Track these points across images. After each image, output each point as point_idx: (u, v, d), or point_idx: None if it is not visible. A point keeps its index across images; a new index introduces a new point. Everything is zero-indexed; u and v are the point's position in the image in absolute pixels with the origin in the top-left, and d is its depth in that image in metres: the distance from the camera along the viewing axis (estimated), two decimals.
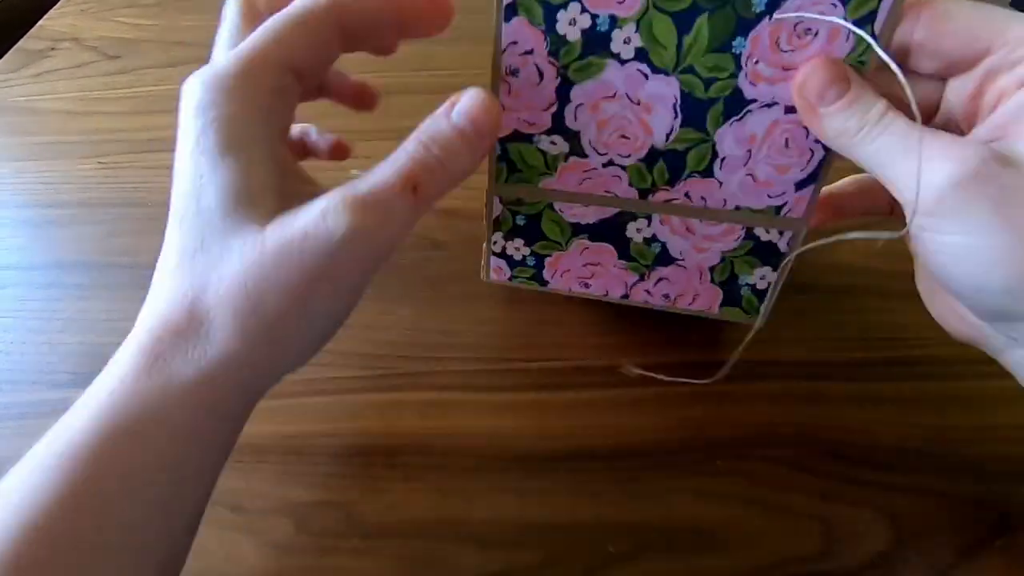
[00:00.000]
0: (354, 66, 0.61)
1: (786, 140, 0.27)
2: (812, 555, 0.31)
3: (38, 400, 0.37)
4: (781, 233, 0.29)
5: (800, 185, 0.28)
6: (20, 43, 0.66)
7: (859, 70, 0.24)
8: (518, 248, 0.31)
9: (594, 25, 0.25)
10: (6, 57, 0.64)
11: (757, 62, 0.25)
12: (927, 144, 0.21)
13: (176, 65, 0.61)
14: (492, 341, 0.39)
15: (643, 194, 0.28)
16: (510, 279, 0.33)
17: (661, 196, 0.28)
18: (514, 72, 0.26)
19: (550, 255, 0.31)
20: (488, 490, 0.33)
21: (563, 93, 0.26)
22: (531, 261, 0.32)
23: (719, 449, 0.34)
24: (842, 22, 0.23)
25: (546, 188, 0.28)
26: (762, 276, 0.32)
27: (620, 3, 0.24)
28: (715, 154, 0.27)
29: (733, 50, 0.25)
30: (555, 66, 0.26)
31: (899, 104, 0.23)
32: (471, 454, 0.34)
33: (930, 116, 0.25)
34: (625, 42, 0.25)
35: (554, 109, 0.26)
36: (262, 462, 0.34)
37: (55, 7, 0.71)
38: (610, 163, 0.28)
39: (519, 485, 0.33)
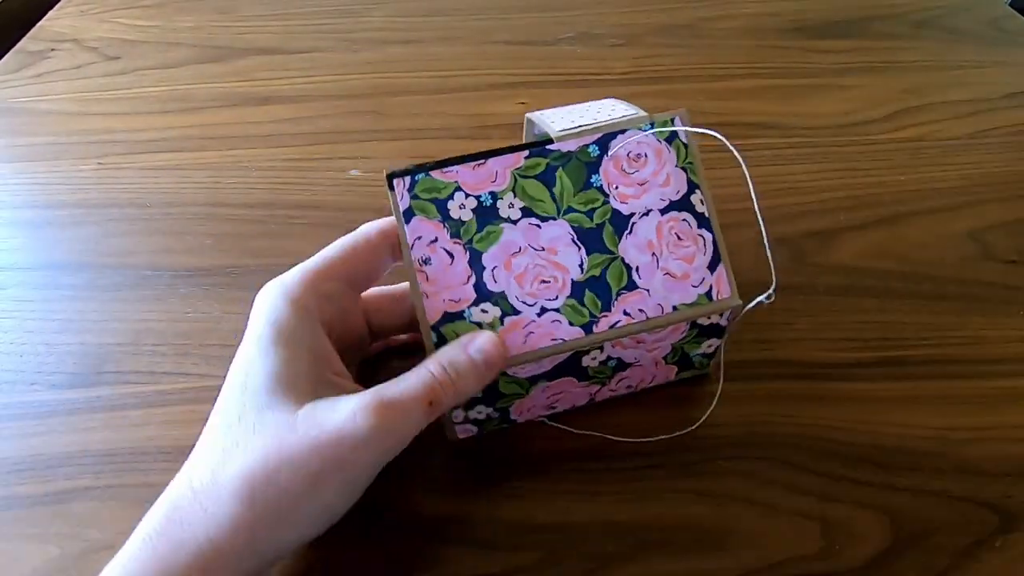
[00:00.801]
0: (354, 67, 0.61)
1: (676, 234, 0.31)
2: (812, 555, 0.31)
3: (36, 401, 0.37)
4: (720, 315, 0.32)
5: (712, 267, 0.31)
6: (20, 44, 0.66)
7: (690, 170, 0.31)
8: (480, 412, 0.32)
9: (479, 203, 0.30)
10: (6, 58, 0.64)
11: (616, 187, 0.31)
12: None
13: (175, 66, 0.61)
14: None
15: (587, 329, 0.30)
16: (479, 432, 0.34)
17: (603, 324, 0.30)
18: (426, 261, 0.29)
19: (513, 404, 0.32)
20: (488, 490, 0.33)
21: (475, 263, 0.29)
22: (496, 415, 0.33)
23: (719, 449, 0.34)
24: (650, 132, 0.31)
25: None
26: (709, 345, 0.34)
27: (493, 182, 0.30)
28: (628, 266, 0.30)
29: (594, 184, 0.30)
30: (460, 243, 0.29)
31: None
32: (470, 454, 0.34)
33: None
34: (510, 207, 0.30)
35: (473, 279, 0.29)
36: None
37: (55, 8, 0.71)
38: (543, 310, 0.29)
39: (519, 485, 0.33)
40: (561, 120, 0.32)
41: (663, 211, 0.31)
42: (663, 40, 0.64)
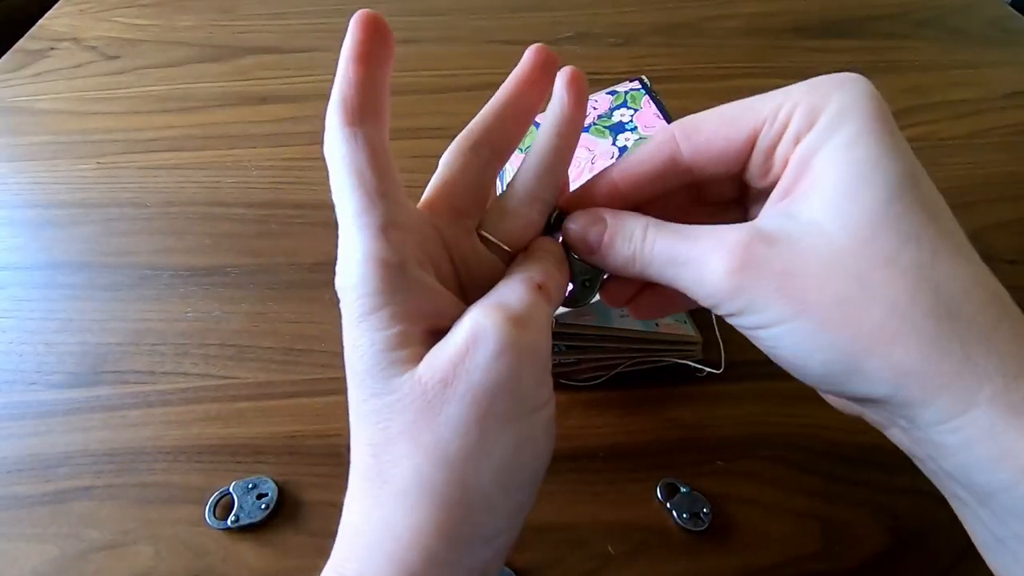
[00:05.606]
0: None
1: None
2: (812, 555, 0.31)
3: (36, 400, 0.37)
4: None
5: None
6: (19, 43, 0.65)
7: None
8: None
9: None
10: (5, 57, 0.64)
11: None
12: (697, 243, 0.21)
13: (175, 65, 0.61)
14: None
15: None
16: None
17: None
18: None
19: None
20: None
21: None
22: None
23: (719, 449, 0.34)
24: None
25: None
26: None
27: None
28: None
29: None
30: None
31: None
32: None
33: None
34: None
35: None
36: (261, 462, 0.34)
37: (54, 7, 0.71)
38: None
39: None
40: None
41: None
42: (663, 40, 0.64)
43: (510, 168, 0.33)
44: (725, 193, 0.25)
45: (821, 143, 0.20)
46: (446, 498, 0.19)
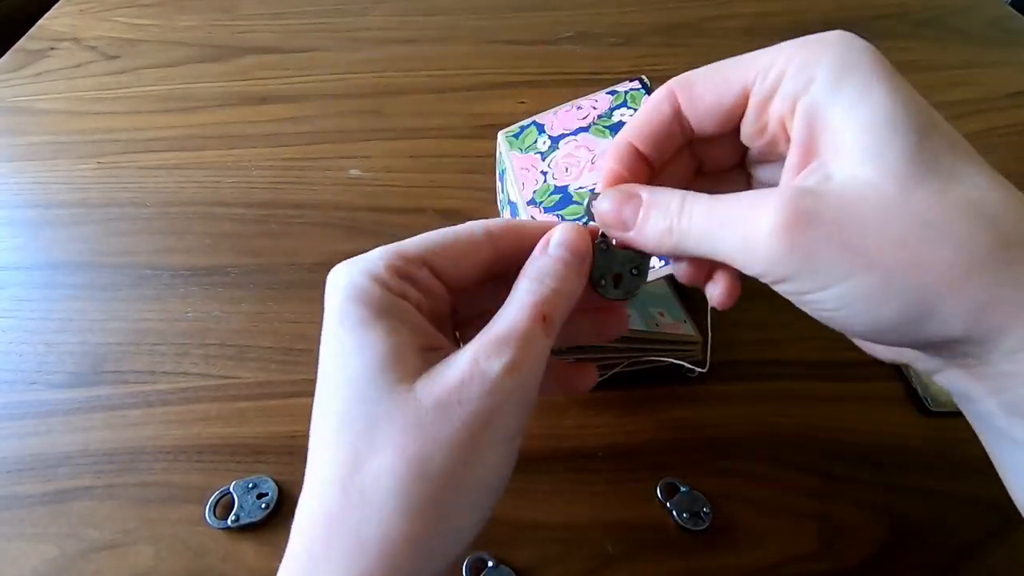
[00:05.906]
0: (353, 66, 0.61)
1: None
2: (812, 555, 0.31)
3: (36, 400, 0.37)
4: None
5: None
6: (19, 43, 0.66)
7: None
8: None
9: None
10: (5, 57, 0.64)
11: None
12: (738, 205, 0.20)
13: (175, 65, 0.61)
14: None
15: None
16: None
17: None
18: None
19: None
20: None
21: None
22: None
23: (719, 449, 0.34)
24: None
25: None
26: None
27: None
28: None
29: None
30: None
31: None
32: None
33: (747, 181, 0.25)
34: None
35: None
36: (260, 462, 0.34)
37: (54, 7, 0.71)
38: None
39: (519, 485, 0.33)
40: None
41: None
42: (663, 40, 0.64)
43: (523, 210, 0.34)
44: (725, 159, 0.25)
45: (828, 98, 0.20)
46: (422, 512, 0.19)
